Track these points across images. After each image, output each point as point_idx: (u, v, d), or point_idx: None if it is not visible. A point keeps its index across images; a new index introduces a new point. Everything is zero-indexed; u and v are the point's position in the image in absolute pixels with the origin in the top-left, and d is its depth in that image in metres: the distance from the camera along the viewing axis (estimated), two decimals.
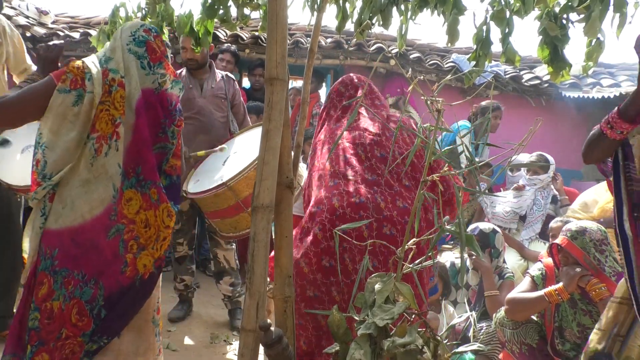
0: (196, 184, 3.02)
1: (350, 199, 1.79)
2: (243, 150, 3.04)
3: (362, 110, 2.09)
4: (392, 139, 1.96)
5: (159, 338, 1.78)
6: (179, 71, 3.52)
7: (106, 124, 1.63)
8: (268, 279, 1.43)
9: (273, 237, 1.43)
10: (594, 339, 1.72)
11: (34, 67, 3.15)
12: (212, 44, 3.50)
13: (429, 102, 1.08)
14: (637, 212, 1.49)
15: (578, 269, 2.25)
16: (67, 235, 1.59)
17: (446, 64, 5.54)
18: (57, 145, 1.60)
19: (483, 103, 4.62)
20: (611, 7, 2.09)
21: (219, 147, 3.14)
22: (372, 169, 1.89)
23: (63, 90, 1.60)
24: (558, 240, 2.34)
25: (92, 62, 1.67)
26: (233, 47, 4.55)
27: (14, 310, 3.03)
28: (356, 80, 2.24)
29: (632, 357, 1.65)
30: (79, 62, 1.66)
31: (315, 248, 1.80)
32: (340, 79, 2.29)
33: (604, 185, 4.01)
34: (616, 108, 1.51)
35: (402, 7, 2.64)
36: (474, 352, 2.41)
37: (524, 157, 3.88)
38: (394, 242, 1.77)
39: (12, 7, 5.18)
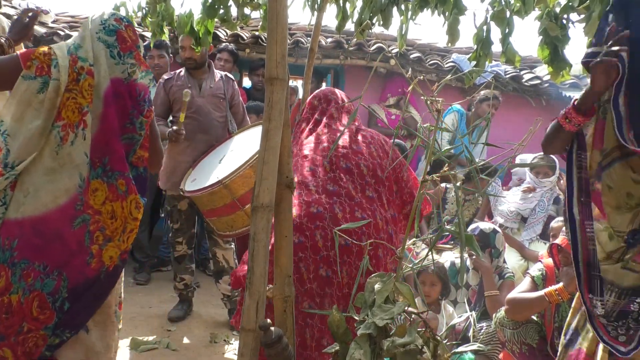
0: (193, 183, 3.02)
1: (309, 209, 1.81)
2: (240, 149, 3.04)
3: (332, 123, 2.11)
4: (359, 151, 2.01)
5: (119, 333, 1.75)
6: (178, 71, 3.51)
7: (72, 112, 1.59)
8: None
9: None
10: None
11: None
12: (212, 44, 3.50)
13: (429, 102, 1.08)
14: (585, 197, 1.60)
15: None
16: (28, 224, 1.54)
17: (446, 64, 5.54)
18: (20, 133, 1.56)
19: (482, 92, 4.62)
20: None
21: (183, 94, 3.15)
22: (335, 180, 1.91)
23: (28, 77, 1.56)
24: (558, 241, 2.34)
25: (59, 49, 1.63)
26: (231, 46, 4.54)
27: None
28: (329, 94, 2.24)
29: None
30: (45, 48, 1.62)
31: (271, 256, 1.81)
32: (314, 93, 2.28)
33: None
34: (572, 102, 1.61)
35: (403, 7, 2.64)
36: (474, 352, 2.41)
37: (527, 157, 3.87)
38: (348, 252, 1.78)
39: (12, 6, 5.18)
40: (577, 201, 1.63)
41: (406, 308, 1.11)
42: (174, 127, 3.16)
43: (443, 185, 4.18)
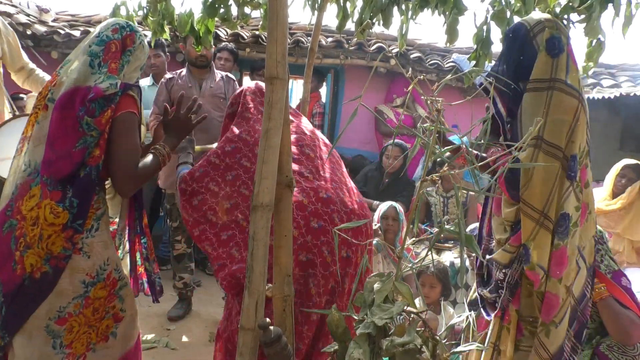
0: None
1: (318, 195, 1.81)
2: None
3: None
4: (316, 141, 2.05)
5: (63, 350, 1.64)
6: (179, 71, 3.52)
7: (32, 125, 1.68)
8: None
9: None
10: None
11: (32, 65, 3.15)
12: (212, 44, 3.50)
13: (429, 101, 1.08)
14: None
15: None
16: None
17: (446, 63, 5.54)
18: None
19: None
20: (611, 7, 2.09)
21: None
22: (325, 168, 1.93)
23: None
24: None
25: None
26: (231, 45, 4.55)
27: None
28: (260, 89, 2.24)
29: None
30: None
31: (293, 245, 1.81)
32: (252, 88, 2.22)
33: (603, 186, 4.03)
34: None
35: (403, 6, 2.64)
36: None
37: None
38: (360, 233, 1.82)
39: (12, 5, 5.17)
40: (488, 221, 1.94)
41: (405, 308, 1.12)
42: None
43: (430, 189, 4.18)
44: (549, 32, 1.81)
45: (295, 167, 1.82)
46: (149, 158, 1.78)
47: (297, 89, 6.87)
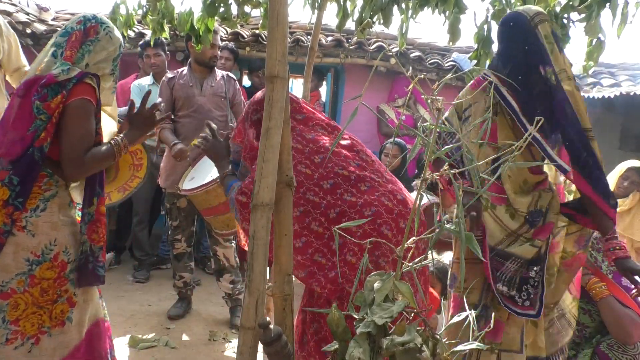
0: (190, 182, 3.03)
1: (397, 197, 1.80)
2: None
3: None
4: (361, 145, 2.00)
5: (7, 326, 1.69)
6: (180, 70, 3.52)
7: None
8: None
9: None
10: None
11: (27, 67, 3.15)
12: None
13: (429, 101, 1.08)
14: None
15: None
16: None
17: (447, 63, 5.54)
18: None
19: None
20: (609, 6, 2.10)
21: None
22: (382, 171, 1.90)
23: None
24: None
25: None
26: (230, 44, 4.56)
27: None
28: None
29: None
30: None
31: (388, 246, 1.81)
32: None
33: None
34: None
35: (403, 5, 2.64)
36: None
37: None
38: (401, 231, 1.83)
39: (12, 4, 5.17)
40: None
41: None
42: (180, 147, 3.18)
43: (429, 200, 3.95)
44: (549, 25, 1.85)
45: (365, 173, 1.80)
46: (103, 147, 1.83)
47: (297, 88, 6.87)
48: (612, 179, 3.86)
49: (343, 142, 1.89)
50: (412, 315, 1.16)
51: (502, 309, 1.97)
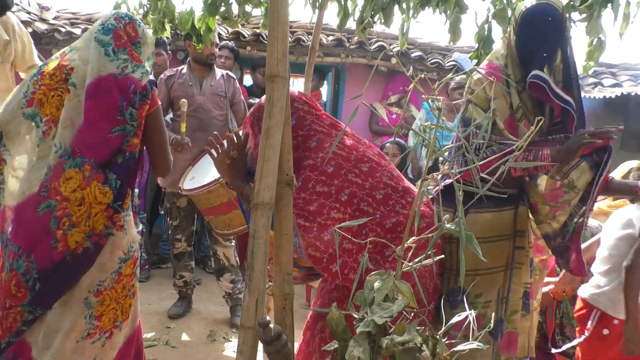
0: (191, 181, 3.03)
1: (432, 207, 1.82)
2: None
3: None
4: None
5: (92, 322, 1.74)
6: (179, 68, 3.52)
7: (56, 108, 1.73)
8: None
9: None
10: (486, 312, 1.89)
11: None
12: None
13: (429, 100, 1.08)
14: None
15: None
16: (13, 211, 1.72)
17: (447, 62, 5.53)
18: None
19: (456, 79, 4.52)
20: (610, 7, 2.09)
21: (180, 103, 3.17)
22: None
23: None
24: None
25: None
26: (231, 43, 4.56)
27: None
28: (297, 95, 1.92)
29: (518, 309, 1.91)
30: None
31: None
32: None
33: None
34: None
35: (404, 5, 2.64)
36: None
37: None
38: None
39: (13, 5, 5.17)
40: None
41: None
42: (177, 137, 3.17)
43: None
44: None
45: (407, 184, 1.79)
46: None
47: (298, 87, 6.86)
48: None
49: (374, 150, 1.85)
50: (412, 315, 1.16)
51: (515, 319, 1.92)
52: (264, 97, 1.80)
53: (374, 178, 1.72)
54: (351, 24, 2.91)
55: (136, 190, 2.02)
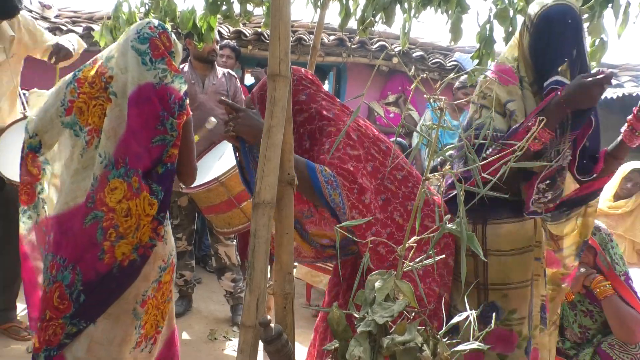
0: None
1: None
2: None
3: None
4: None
5: (140, 331, 1.76)
6: (181, 66, 3.52)
7: (99, 118, 1.72)
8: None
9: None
10: (522, 330, 1.77)
11: (53, 40, 3.07)
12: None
13: (431, 100, 1.07)
14: None
15: (582, 269, 2.26)
16: (55, 221, 1.70)
17: (449, 62, 5.53)
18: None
19: (461, 79, 4.52)
20: (611, 7, 2.09)
21: (207, 120, 3.18)
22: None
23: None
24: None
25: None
26: (232, 42, 4.56)
27: (16, 304, 3.05)
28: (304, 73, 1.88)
29: (538, 323, 1.83)
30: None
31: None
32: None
33: (605, 187, 4.00)
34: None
35: (406, 5, 2.63)
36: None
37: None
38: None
39: (22, 8, 5.17)
40: None
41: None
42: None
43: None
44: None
45: (435, 197, 1.73)
46: None
47: None
48: (615, 180, 3.84)
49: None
50: (413, 314, 1.16)
51: (537, 334, 1.83)
52: (265, 77, 1.80)
53: (406, 188, 1.68)
54: (352, 23, 2.91)
55: None
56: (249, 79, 5.66)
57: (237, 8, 2.75)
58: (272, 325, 1.28)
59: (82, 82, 1.75)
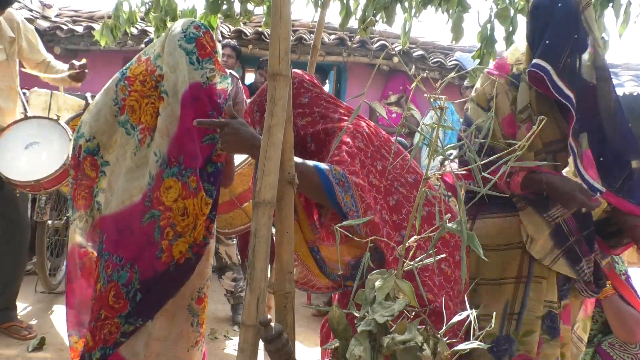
0: None
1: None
2: None
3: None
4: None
5: (198, 329, 1.78)
6: None
7: (151, 116, 1.71)
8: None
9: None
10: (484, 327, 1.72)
11: (49, 58, 3.11)
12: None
13: (431, 99, 1.07)
14: None
15: None
16: (110, 220, 1.68)
17: (449, 62, 5.53)
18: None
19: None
20: (612, 6, 2.09)
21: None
22: None
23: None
24: None
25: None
26: (233, 42, 4.56)
27: (16, 303, 3.06)
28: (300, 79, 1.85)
29: (534, 330, 1.71)
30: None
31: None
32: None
33: None
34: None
35: (406, 4, 2.63)
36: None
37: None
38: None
39: (16, 0, 5.18)
40: None
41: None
42: None
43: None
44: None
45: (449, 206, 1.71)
46: None
47: None
48: None
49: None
50: (413, 313, 1.16)
51: (529, 342, 1.72)
52: (265, 84, 1.80)
53: (404, 160, 1.62)
54: (353, 22, 2.91)
55: None
56: (249, 78, 5.66)
57: (237, 7, 2.76)
58: (272, 324, 1.28)
59: (133, 80, 1.74)
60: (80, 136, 1.81)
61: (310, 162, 1.51)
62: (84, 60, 2.95)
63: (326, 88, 5.97)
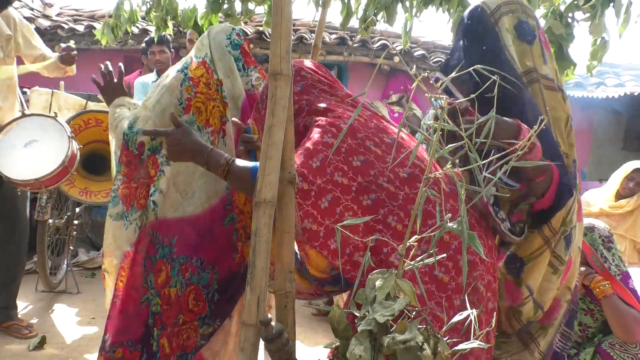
0: None
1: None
2: None
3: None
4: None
5: None
6: None
7: (218, 119, 1.73)
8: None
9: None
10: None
11: (48, 52, 3.10)
12: None
13: (432, 99, 1.08)
14: None
15: (582, 268, 2.26)
16: (187, 223, 1.64)
17: None
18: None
19: None
20: (612, 6, 2.09)
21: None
22: None
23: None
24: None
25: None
26: None
27: (16, 302, 3.06)
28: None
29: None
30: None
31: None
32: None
33: (606, 186, 4.01)
34: None
35: (407, 3, 2.63)
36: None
37: None
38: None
39: (16, 0, 5.18)
40: None
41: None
42: None
43: None
44: (516, 17, 1.55)
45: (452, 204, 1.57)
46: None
47: None
48: (617, 179, 3.84)
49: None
50: (414, 313, 1.16)
51: None
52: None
53: (398, 153, 1.44)
54: (354, 22, 2.91)
55: None
56: None
57: (238, 6, 2.76)
58: (273, 323, 1.28)
59: (197, 81, 1.73)
60: (136, 132, 1.72)
61: (250, 163, 1.49)
62: (71, 42, 2.96)
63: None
